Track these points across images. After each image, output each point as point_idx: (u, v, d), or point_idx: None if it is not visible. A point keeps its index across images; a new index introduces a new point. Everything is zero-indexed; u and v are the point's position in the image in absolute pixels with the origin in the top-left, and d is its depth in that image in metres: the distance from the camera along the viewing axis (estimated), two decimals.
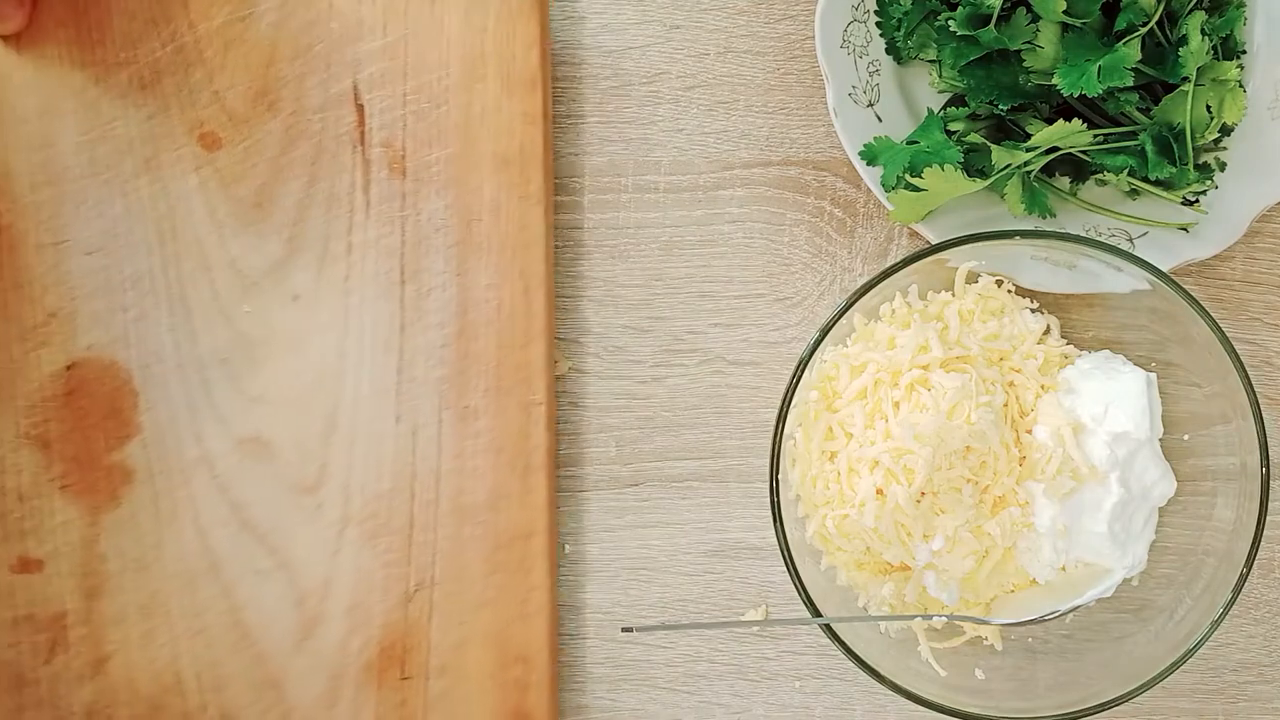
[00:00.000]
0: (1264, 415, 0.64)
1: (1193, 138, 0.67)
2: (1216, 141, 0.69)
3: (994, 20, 0.65)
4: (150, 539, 0.70)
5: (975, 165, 0.67)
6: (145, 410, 0.70)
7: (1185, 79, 0.66)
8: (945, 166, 0.65)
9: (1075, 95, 0.65)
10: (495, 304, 0.70)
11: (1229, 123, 0.68)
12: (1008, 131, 0.69)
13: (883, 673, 0.64)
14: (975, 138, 0.68)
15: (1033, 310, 0.69)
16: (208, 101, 0.70)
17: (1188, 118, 0.67)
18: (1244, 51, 0.70)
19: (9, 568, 0.69)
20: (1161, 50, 0.67)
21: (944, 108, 0.70)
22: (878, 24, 0.70)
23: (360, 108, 0.70)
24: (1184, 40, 0.66)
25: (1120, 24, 0.65)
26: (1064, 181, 0.71)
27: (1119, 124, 0.68)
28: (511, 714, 0.69)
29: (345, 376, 0.70)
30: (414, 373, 0.70)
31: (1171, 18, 0.66)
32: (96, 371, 0.70)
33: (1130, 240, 0.70)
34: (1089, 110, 0.69)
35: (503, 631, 0.69)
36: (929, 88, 0.71)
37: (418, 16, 0.70)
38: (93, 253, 0.70)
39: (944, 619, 0.66)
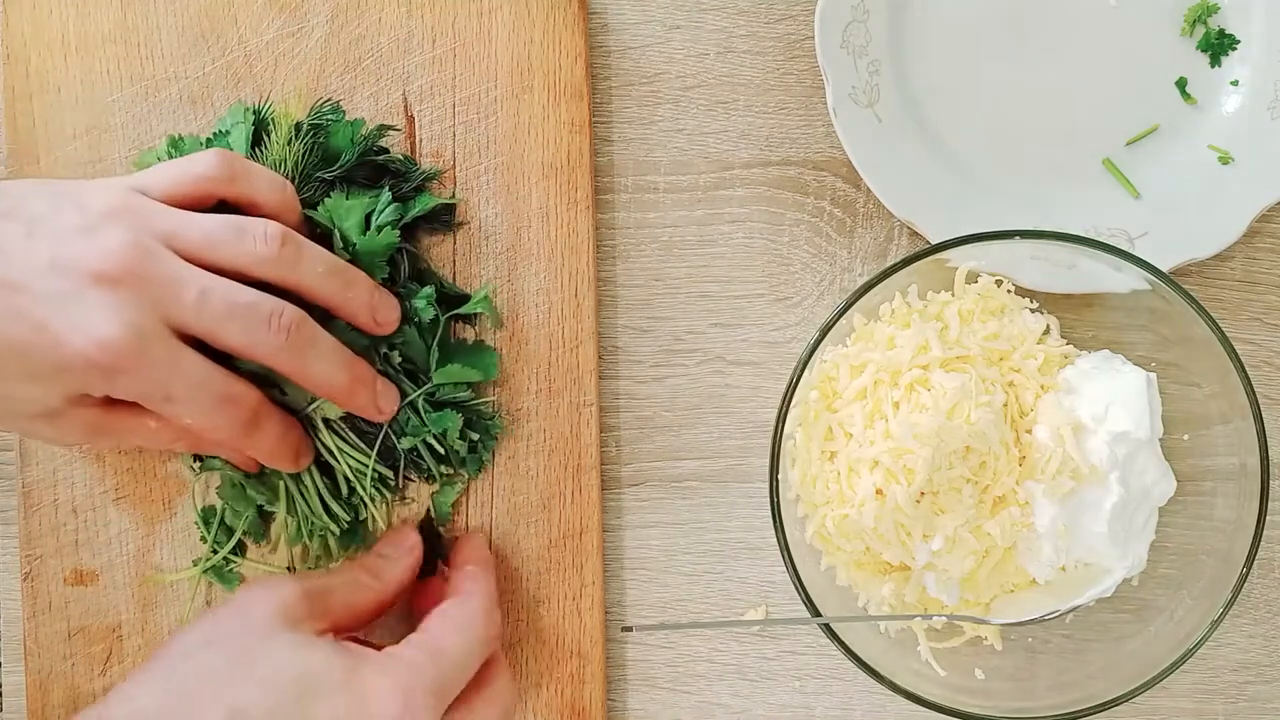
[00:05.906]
0: (1264, 415, 0.64)
1: None
2: None
3: None
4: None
5: None
6: None
7: None
8: None
9: None
10: (545, 308, 0.71)
11: None
12: None
13: (883, 673, 0.64)
14: None
15: (1033, 310, 0.69)
16: None
17: None
18: (1238, 41, 0.70)
19: (64, 580, 0.70)
20: None
21: None
22: None
23: (411, 119, 0.71)
24: None
25: None
26: None
27: None
28: (567, 708, 0.70)
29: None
30: None
31: None
32: None
33: (1130, 240, 0.70)
34: None
35: (557, 627, 0.70)
36: (929, 88, 0.71)
37: (465, 30, 0.71)
38: None
39: (944, 619, 0.66)
